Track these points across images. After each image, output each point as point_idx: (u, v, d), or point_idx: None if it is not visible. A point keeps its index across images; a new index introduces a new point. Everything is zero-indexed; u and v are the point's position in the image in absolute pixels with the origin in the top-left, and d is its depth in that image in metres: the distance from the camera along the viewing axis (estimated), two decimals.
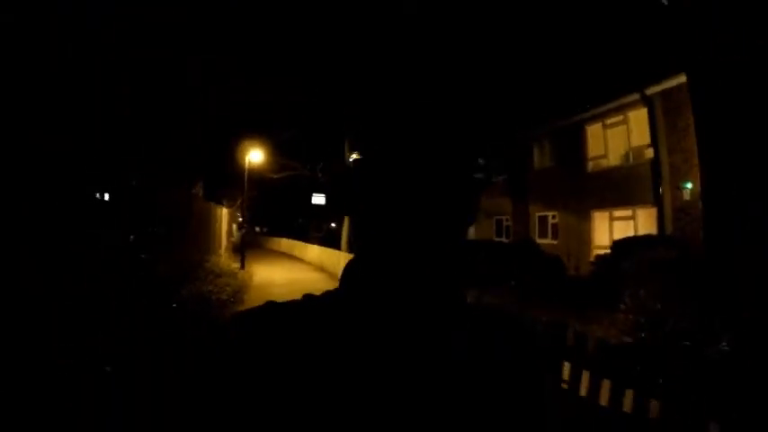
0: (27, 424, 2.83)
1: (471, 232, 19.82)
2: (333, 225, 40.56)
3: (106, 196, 6.80)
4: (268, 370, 0.53)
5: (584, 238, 13.76)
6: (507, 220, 17.83)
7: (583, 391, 3.10)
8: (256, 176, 20.61)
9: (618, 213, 12.95)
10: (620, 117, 13.12)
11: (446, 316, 0.58)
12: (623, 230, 12.42)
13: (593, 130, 14.03)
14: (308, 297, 0.61)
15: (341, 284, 0.61)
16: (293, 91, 15.19)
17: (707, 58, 6.37)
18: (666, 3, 7.45)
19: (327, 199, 30.65)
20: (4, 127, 4.63)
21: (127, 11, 7.77)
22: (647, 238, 10.32)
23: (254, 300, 10.57)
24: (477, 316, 0.61)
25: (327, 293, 0.61)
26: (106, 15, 7.23)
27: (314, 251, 20.44)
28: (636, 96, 12.11)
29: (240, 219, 27.43)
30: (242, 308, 5.93)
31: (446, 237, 0.55)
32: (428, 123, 0.54)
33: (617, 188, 12.88)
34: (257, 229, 51.24)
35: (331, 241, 23.83)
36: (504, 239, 17.52)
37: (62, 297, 4.75)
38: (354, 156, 0.57)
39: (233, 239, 25.16)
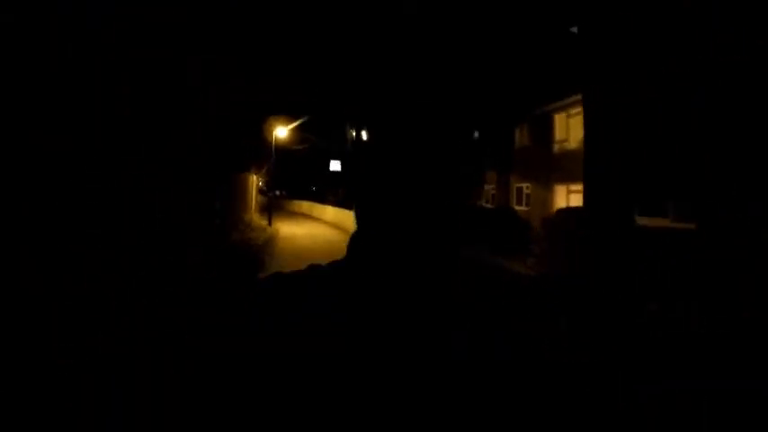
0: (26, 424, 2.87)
1: None
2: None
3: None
4: (271, 340, 0.55)
5: (548, 206, 16.82)
6: (493, 189, 20.94)
7: None
8: (279, 146, 23.83)
9: (573, 187, 15.94)
10: (580, 109, 15.94)
11: (444, 303, 0.59)
12: (578, 201, 15.44)
13: (560, 119, 16.90)
14: (313, 267, 0.64)
15: (346, 255, 0.63)
16: (294, 91, 17.29)
17: (595, 84, 9.34)
18: (575, 31, 10.30)
19: (342, 167, 33.89)
20: (5, 127, 4.79)
21: (127, 11, 8.71)
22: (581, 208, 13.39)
23: (282, 247, 14.02)
24: (477, 315, 0.61)
25: (332, 263, 0.63)
26: (106, 15, 8.47)
27: (330, 212, 23.87)
28: None
29: (260, 183, 30.85)
30: (273, 251, 10.25)
31: (439, 214, 0.57)
32: (425, 119, 0.57)
33: (574, 167, 15.81)
34: (277, 192, 54.80)
35: (346, 204, 27.15)
36: (490, 206, 20.67)
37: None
38: (355, 135, 0.62)
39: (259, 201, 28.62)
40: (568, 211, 12.54)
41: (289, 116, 20.76)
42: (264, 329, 0.57)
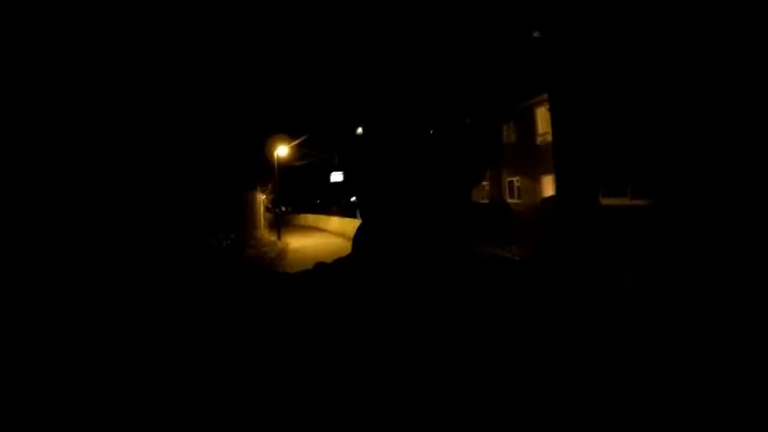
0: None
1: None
2: (352, 199, 44.99)
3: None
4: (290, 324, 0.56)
5: (538, 197, 17.86)
6: (487, 185, 22.01)
7: None
8: (281, 164, 25.04)
9: None
10: None
11: (445, 267, 0.61)
12: None
13: (542, 112, 17.95)
14: (320, 264, 0.65)
15: (352, 249, 0.64)
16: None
17: (560, 83, 10.42)
18: (538, 35, 11.42)
19: (344, 176, 35.05)
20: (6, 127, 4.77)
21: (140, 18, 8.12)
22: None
23: (293, 258, 15.13)
24: (473, 265, 0.63)
25: (338, 260, 0.64)
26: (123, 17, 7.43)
27: (335, 222, 24.97)
28: None
29: (266, 201, 32.13)
30: (285, 262, 11.58)
31: (439, 205, 0.59)
32: (418, 116, 0.59)
33: None
34: (282, 208, 56.13)
35: (350, 213, 28.23)
36: (486, 201, 21.75)
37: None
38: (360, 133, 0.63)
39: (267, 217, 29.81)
40: (549, 199, 13.60)
41: (289, 135, 21.96)
42: (270, 332, 0.57)
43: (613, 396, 0.55)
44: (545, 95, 17.51)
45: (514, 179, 19.97)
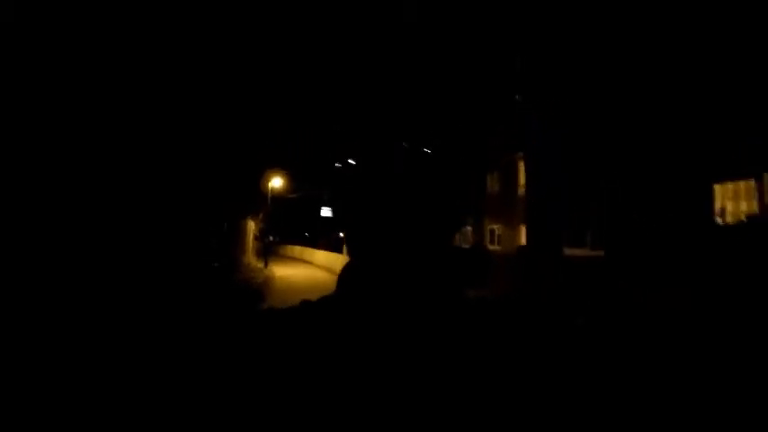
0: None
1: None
2: (341, 234, 45.66)
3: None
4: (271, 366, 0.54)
5: (516, 244, 18.82)
6: (471, 231, 23.00)
7: None
8: (274, 195, 25.87)
9: None
10: None
11: (439, 314, 0.59)
12: None
13: (523, 166, 19.13)
14: (305, 303, 0.64)
15: (337, 287, 0.63)
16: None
17: (531, 145, 11.53)
18: (519, 99, 12.65)
19: (333, 212, 35.89)
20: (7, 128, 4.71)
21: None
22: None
23: (278, 285, 15.76)
24: (470, 309, 0.63)
25: (323, 298, 0.63)
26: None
27: (321, 256, 25.64)
28: None
29: (254, 229, 32.76)
30: (270, 289, 12.47)
31: (428, 245, 0.59)
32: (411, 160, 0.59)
33: None
34: (271, 238, 56.58)
35: (337, 248, 28.90)
36: (467, 245, 22.70)
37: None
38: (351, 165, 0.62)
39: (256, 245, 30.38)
40: (524, 248, 14.53)
41: (283, 168, 22.95)
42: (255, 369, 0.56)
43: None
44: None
45: (495, 227, 20.96)
